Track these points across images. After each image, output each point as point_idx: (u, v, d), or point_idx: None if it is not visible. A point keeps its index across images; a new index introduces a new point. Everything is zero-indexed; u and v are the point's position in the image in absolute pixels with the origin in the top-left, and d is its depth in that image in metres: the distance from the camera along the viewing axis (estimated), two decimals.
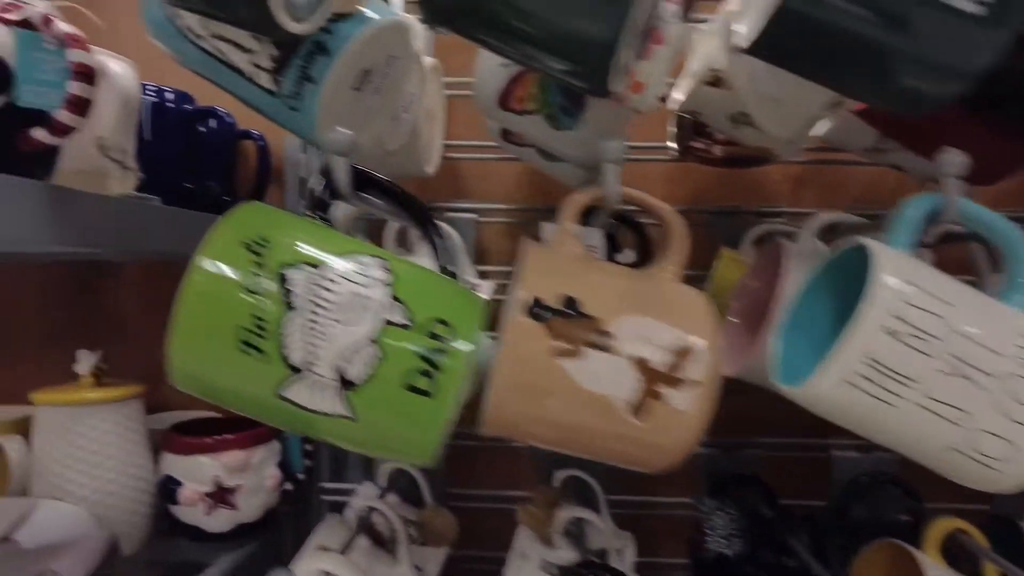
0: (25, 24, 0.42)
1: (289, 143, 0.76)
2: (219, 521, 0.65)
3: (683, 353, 0.35)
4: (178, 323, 0.31)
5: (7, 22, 0.42)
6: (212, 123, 0.67)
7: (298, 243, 0.33)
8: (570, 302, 0.34)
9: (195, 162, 0.65)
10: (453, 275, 0.38)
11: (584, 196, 0.38)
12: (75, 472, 0.61)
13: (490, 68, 0.51)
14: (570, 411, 0.34)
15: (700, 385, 0.35)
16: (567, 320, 0.34)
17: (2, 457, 0.63)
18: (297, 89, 0.40)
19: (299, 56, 0.39)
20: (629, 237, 0.59)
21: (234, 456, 0.65)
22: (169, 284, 0.83)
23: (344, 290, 0.33)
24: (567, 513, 0.58)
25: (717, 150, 0.68)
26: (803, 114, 0.46)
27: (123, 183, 0.52)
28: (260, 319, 0.31)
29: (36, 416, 0.63)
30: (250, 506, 0.66)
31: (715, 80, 0.52)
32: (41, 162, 0.45)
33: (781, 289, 0.46)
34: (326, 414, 0.33)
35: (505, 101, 0.52)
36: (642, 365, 0.34)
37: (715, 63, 0.51)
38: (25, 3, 0.42)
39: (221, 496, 0.65)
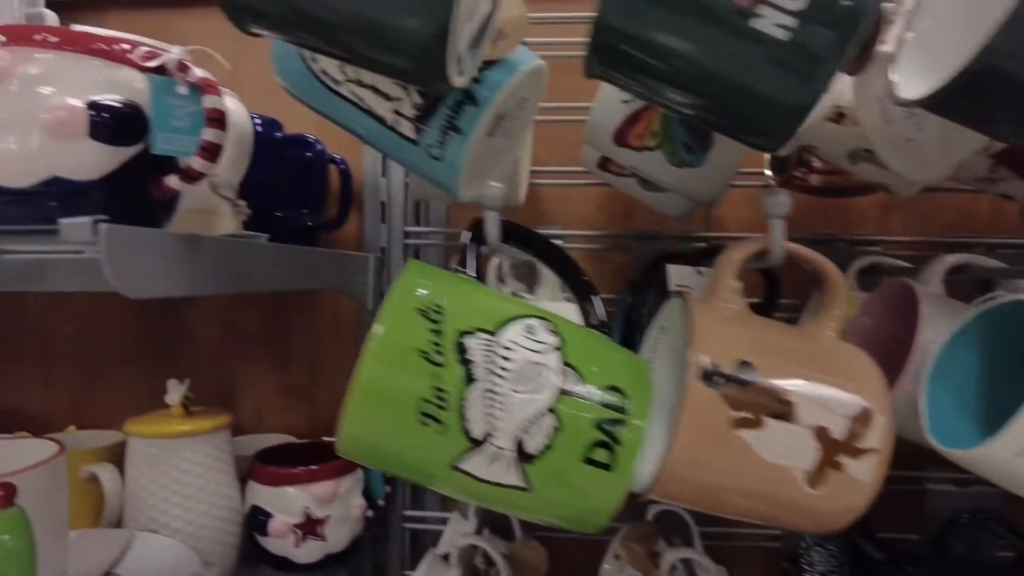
0: (159, 70, 0.41)
1: (368, 167, 0.75)
2: (308, 552, 0.65)
3: (861, 419, 0.34)
4: (356, 393, 0.30)
5: (143, 68, 0.41)
6: (301, 150, 0.66)
7: (470, 308, 0.33)
8: (746, 367, 0.33)
9: (286, 190, 0.64)
10: (606, 331, 0.37)
11: (744, 250, 0.37)
12: (169, 504, 0.61)
13: (609, 104, 0.50)
14: (746, 482, 0.33)
15: (878, 453, 0.34)
16: (745, 387, 0.33)
17: (96, 486, 0.63)
18: (441, 139, 0.39)
19: (446, 105, 0.38)
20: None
21: (323, 487, 0.65)
22: (245, 309, 0.82)
23: (519, 357, 0.32)
24: (673, 554, 0.56)
25: (814, 179, 0.67)
26: (948, 158, 0.45)
27: (232, 220, 0.52)
28: (442, 390, 0.30)
29: (129, 446, 0.63)
30: (338, 536, 0.66)
31: (837, 116, 0.51)
32: (166, 207, 0.44)
33: (920, 338, 0.45)
34: (500, 485, 0.32)
35: (622, 137, 0.51)
36: (822, 434, 0.33)
37: (841, 100, 0.49)
38: (164, 50, 0.41)
39: (311, 527, 0.64)
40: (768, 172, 0.66)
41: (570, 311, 0.40)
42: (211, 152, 0.41)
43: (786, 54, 0.29)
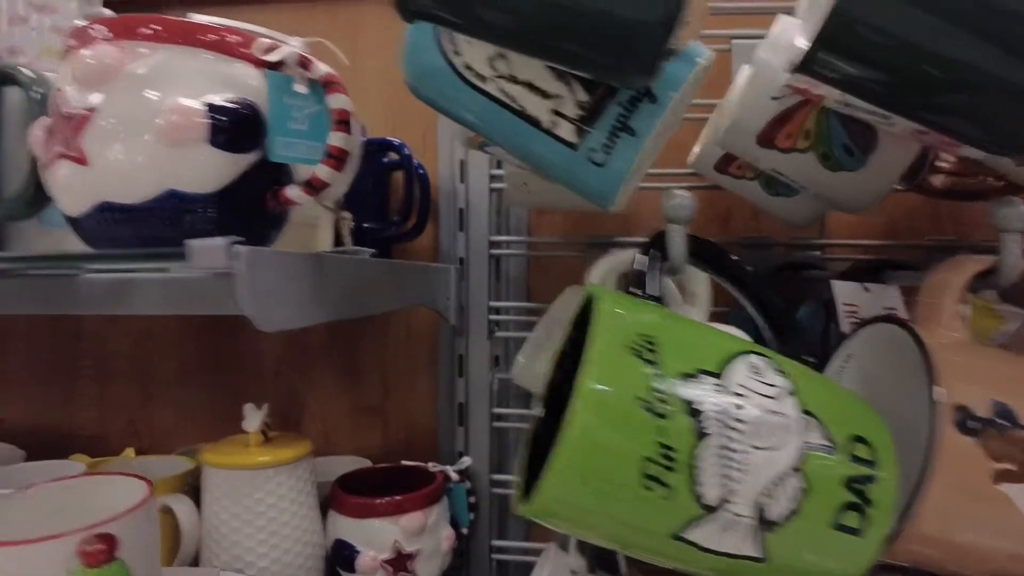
0: (277, 66, 0.36)
1: (444, 172, 0.70)
2: None
3: None
4: (566, 451, 0.25)
5: (259, 63, 0.36)
6: (386, 155, 0.61)
7: (684, 344, 0.27)
8: (1003, 409, 0.28)
9: (371, 200, 0.59)
10: (816, 365, 0.32)
11: (971, 269, 0.32)
12: (253, 541, 0.56)
13: (756, 102, 0.45)
14: (1008, 544, 0.28)
15: None
16: (1004, 433, 0.28)
17: (170, 519, 0.58)
18: (609, 141, 0.34)
19: (618, 103, 0.33)
20: None
21: (413, 519, 0.60)
22: None
23: (753, 405, 0.26)
24: None
25: (939, 180, 0.62)
26: None
27: (331, 232, 0.47)
28: (669, 448, 0.25)
29: (206, 477, 0.58)
30: (428, 572, 0.61)
31: None
32: (277, 222, 0.39)
33: None
34: (729, 555, 0.27)
35: (769, 137, 0.46)
36: None
37: None
38: (284, 42, 0.36)
39: (401, 563, 0.60)
40: None
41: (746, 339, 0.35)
42: (338, 159, 0.36)
43: None
